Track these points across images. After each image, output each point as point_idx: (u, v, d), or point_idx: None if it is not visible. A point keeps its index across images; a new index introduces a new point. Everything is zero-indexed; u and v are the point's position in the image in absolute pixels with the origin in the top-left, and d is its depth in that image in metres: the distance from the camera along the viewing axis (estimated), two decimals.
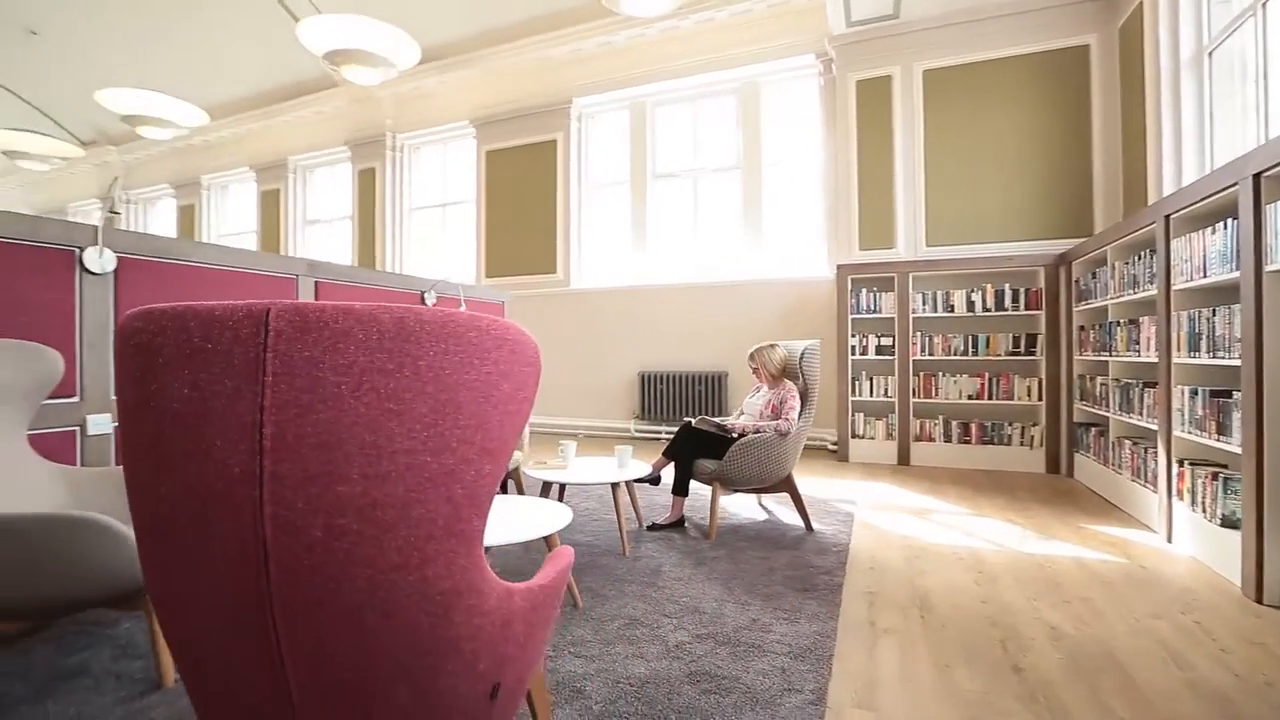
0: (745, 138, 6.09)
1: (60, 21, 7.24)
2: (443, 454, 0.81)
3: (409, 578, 0.81)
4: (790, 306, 5.70)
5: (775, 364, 3.23)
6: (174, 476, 0.79)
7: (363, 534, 0.77)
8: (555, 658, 1.83)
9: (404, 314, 0.78)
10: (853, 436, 5.02)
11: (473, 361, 0.82)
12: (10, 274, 2.06)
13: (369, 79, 5.02)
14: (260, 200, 8.83)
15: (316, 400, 0.75)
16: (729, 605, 2.20)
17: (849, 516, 3.37)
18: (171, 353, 0.77)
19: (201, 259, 2.62)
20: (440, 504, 0.81)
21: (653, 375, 6.21)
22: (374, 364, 0.77)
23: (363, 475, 0.77)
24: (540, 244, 6.96)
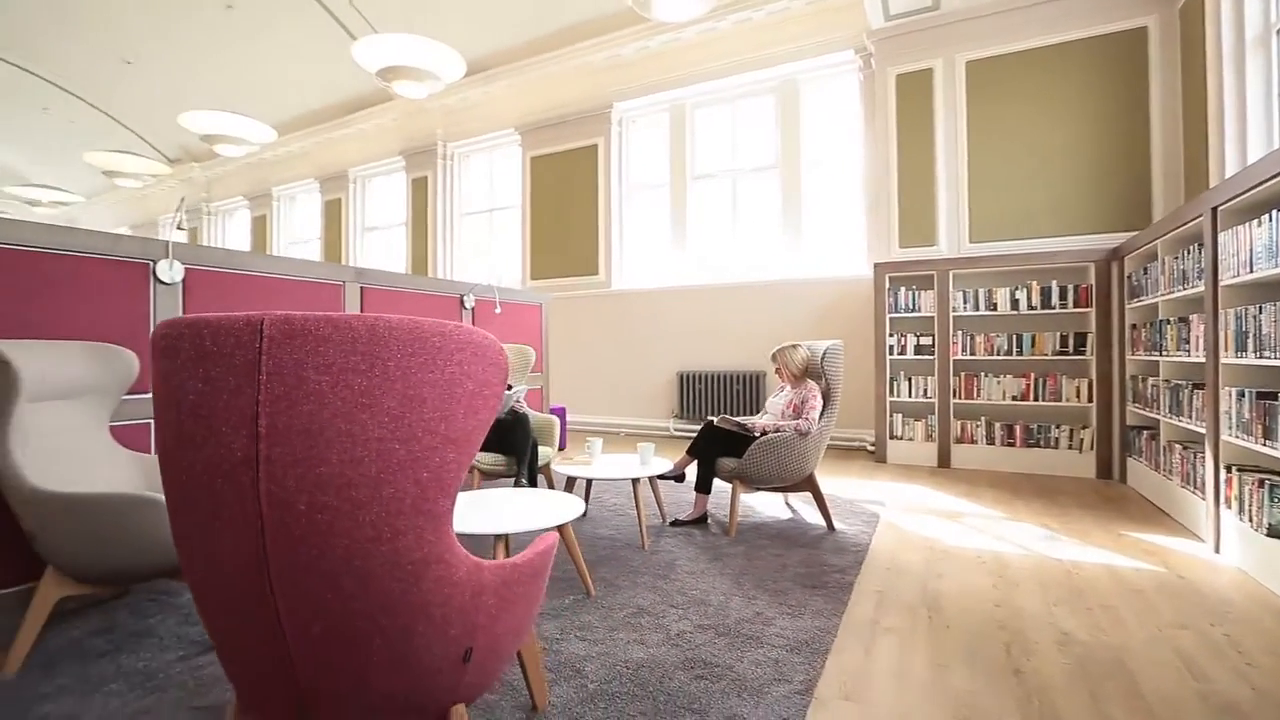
0: (784, 137, 6.06)
1: (150, 52, 7.94)
2: (410, 442, 0.93)
3: (382, 548, 0.93)
4: (828, 306, 5.65)
5: (797, 364, 3.25)
6: (191, 458, 0.94)
7: (340, 509, 0.90)
8: (561, 640, 1.94)
9: (375, 322, 0.91)
10: (891, 438, 4.93)
11: (436, 362, 0.94)
12: (95, 284, 2.34)
13: (417, 93, 5.31)
14: (324, 209, 9.39)
15: (301, 395, 0.88)
16: (736, 599, 2.26)
17: (874, 517, 3.35)
18: (188, 355, 0.92)
19: (256, 269, 2.88)
20: (408, 485, 0.93)
21: (691, 375, 6.27)
22: (349, 364, 0.89)
23: (340, 459, 0.90)
24: (582, 246, 7.14)
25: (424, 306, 3.86)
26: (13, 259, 2.14)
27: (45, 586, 1.83)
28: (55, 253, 2.24)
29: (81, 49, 8.05)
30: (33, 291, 2.18)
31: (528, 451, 3.33)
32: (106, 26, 7.51)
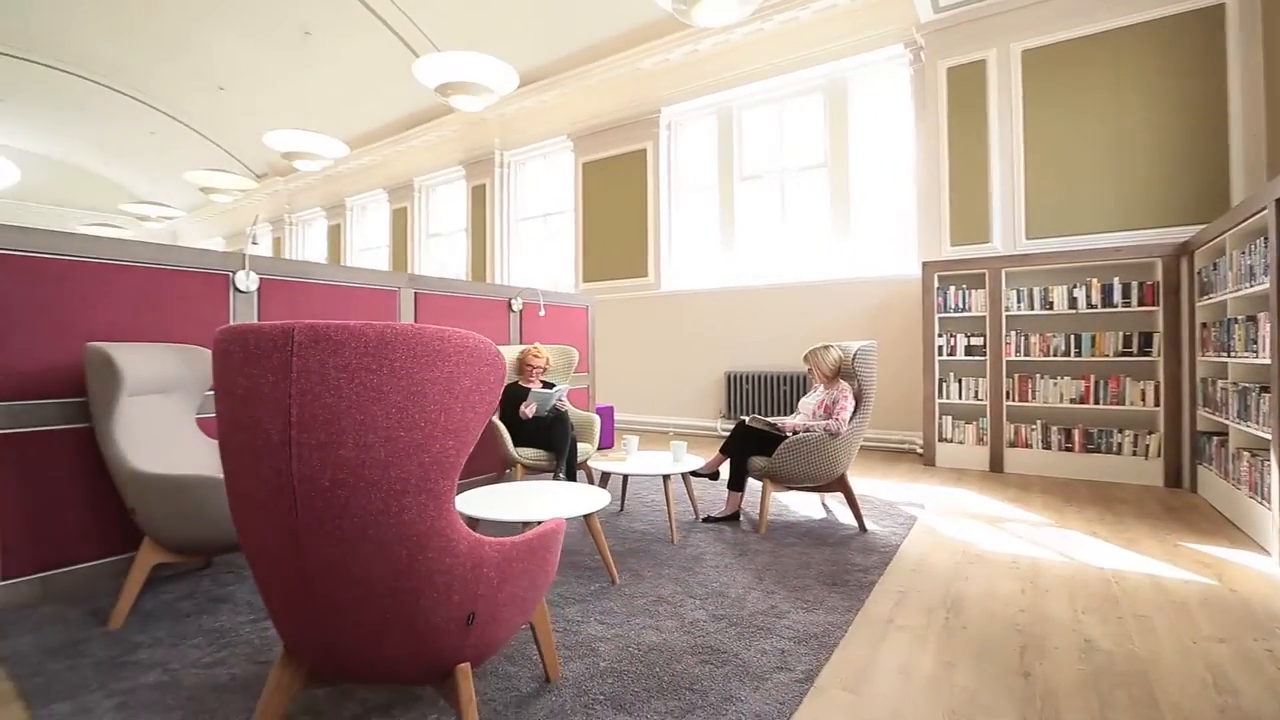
0: (832, 135, 6.00)
1: (240, 78, 8.68)
2: (413, 430, 1.08)
3: (391, 521, 1.08)
4: (877, 305, 5.56)
5: (829, 364, 3.26)
6: (240, 441, 1.12)
7: (356, 486, 1.06)
8: (582, 622, 2.07)
9: (384, 329, 1.06)
10: (940, 440, 4.81)
11: (436, 363, 1.09)
12: (185, 293, 2.66)
13: (474, 105, 5.59)
14: (392, 217, 9.96)
15: (324, 390, 1.05)
16: (754, 592, 2.33)
17: (911, 520, 3.32)
18: (238, 356, 1.11)
19: (321, 277, 3.17)
20: (412, 468, 1.08)
21: (739, 375, 6.30)
22: (362, 364, 1.05)
23: (355, 444, 1.06)
24: (632, 249, 7.28)
25: (473, 309, 4.10)
26: (123, 273, 2.48)
27: (143, 554, 2.12)
28: (154, 267, 2.57)
29: (182, 78, 8.90)
30: (136, 300, 2.52)
31: (566, 447, 3.49)
32: (204, 57, 8.27)
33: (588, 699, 1.61)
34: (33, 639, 1.95)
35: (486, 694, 1.62)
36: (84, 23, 7.65)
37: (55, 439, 2.31)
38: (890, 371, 5.41)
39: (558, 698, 1.61)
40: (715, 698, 1.62)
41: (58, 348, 2.32)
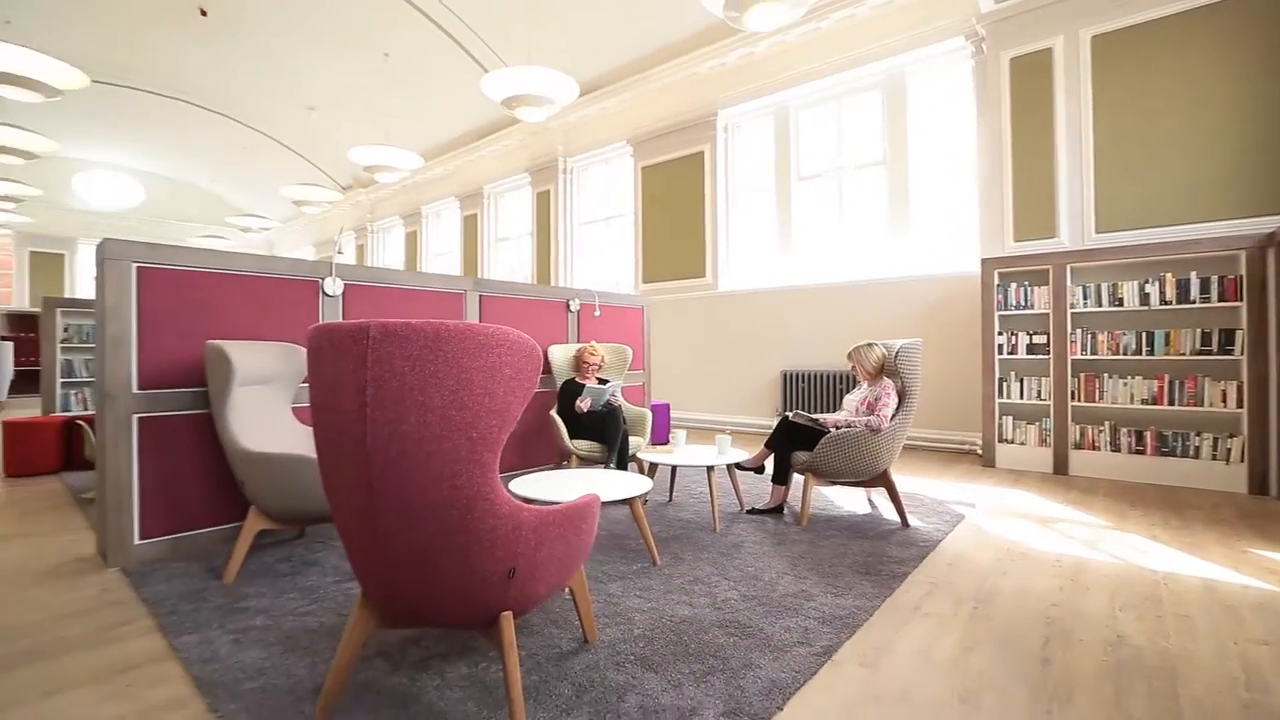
0: (891, 131, 5.93)
1: (327, 99, 9.43)
2: (463, 410, 1.29)
3: (445, 485, 1.30)
4: (935, 304, 5.46)
5: (872, 362, 3.31)
6: (327, 420, 1.38)
7: (416, 456, 1.29)
8: (622, 597, 2.26)
9: (440, 326, 1.28)
10: (1000, 441, 4.70)
11: (482, 353, 1.30)
12: (281, 298, 3.05)
13: (537, 116, 5.91)
14: (463, 224, 10.53)
15: (391, 375, 1.28)
16: (787, 577, 2.45)
17: (958, 518, 3.31)
18: (325, 350, 1.36)
19: (396, 282, 3.52)
20: (462, 441, 1.30)
21: (795, 374, 6.33)
22: (422, 355, 1.27)
23: (416, 420, 1.28)
24: (690, 250, 7.43)
25: (533, 310, 4.37)
26: (233, 281, 2.87)
27: (249, 522, 2.48)
28: (257, 275, 2.96)
29: (278, 101, 9.76)
30: (244, 304, 2.91)
31: (618, 440, 3.69)
32: (297, 82, 9.05)
33: (620, 658, 1.79)
34: (166, 587, 2.33)
35: (532, 649, 1.84)
36: (193, 56, 8.55)
37: (183, 423, 2.72)
38: (948, 371, 5.32)
39: (594, 656, 1.81)
40: (735, 664, 1.76)
41: (184, 345, 2.73)
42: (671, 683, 1.66)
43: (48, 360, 5.67)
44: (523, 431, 4.23)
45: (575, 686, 1.64)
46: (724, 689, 1.63)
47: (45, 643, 1.92)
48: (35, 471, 4.50)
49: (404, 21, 7.53)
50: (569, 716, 1.50)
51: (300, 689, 1.63)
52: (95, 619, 2.09)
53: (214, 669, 1.74)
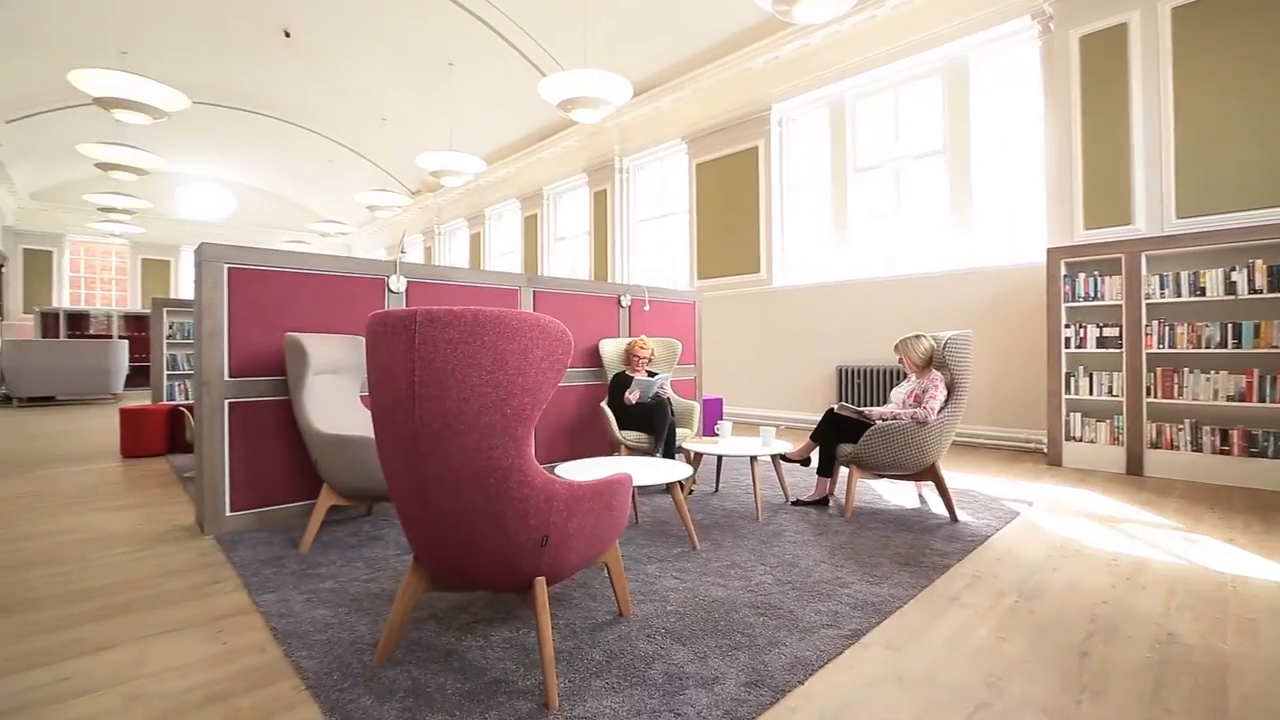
0: (951, 119, 5.74)
1: (397, 109, 9.96)
2: (498, 389, 1.42)
3: (482, 456, 1.43)
4: (999, 296, 5.25)
5: (919, 354, 3.25)
6: (382, 399, 1.54)
7: (457, 429, 1.42)
8: (659, 577, 2.35)
9: (477, 312, 1.41)
10: (1066, 439, 4.49)
11: (515, 337, 1.42)
12: (351, 294, 3.30)
13: (593, 117, 6.08)
14: (523, 224, 10.88)
15: (435, 357, 1.42)
16: (824, 565, 2.47)
17: (1012, 515, 3.21)
18: (381, 334, 1.52)
19: (456, 280, 3.74)
20: (497, 417, 1.42)
21: (850, 369, 6.23)
22: (462, 338, 1.41)
23: (456, 397, 1.42)
24: (744, 246, 7.43)
25: (585, 305, 4.52)
26: (309, 279, 3.15)
27: (322, 498, 2.72)
28: (330, 274, 3.23)
29: (353, 114, 10.39)
30: (318, 300, 3.18)
31: (665, 430, 3.77)
32: (369, 93, 9.62)
33: (651, 630, 1.89)
34: (251, 553, 2.60)
35: (569, 620, 1.96)
36: (279, 75, 9.23)
37: (267, 408, 3.01)
38: (1011, 366, 5.11)
39: (626, 628, 1.91)
40: (762, 641, 1.82)
41: (267, 337, 3.02)
42: (698, 654, 1.74)
43: (155, 354, 6.30)
44: (574, 423, 4.38)
45: (606, 654, 1.74)
46: (748, 663, 1.69)
47: (153, 594, 2.20)
48: (146, 453, 5.04)
49: (466, 31, 7.87)
50: (597, 679, 1.61)
51: (361, 642, 1.81)
52: (193, 577, 2.37)
53: (289, 622, 1.95)
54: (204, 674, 1.66)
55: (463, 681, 1.59)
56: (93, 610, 2.08)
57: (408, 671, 1.64)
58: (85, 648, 1.81)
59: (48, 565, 2.51)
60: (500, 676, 1.62)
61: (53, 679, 1.64)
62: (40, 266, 13.37)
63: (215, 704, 1.51)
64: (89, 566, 2.50)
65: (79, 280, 13.98)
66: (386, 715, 1.44)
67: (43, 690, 1.58)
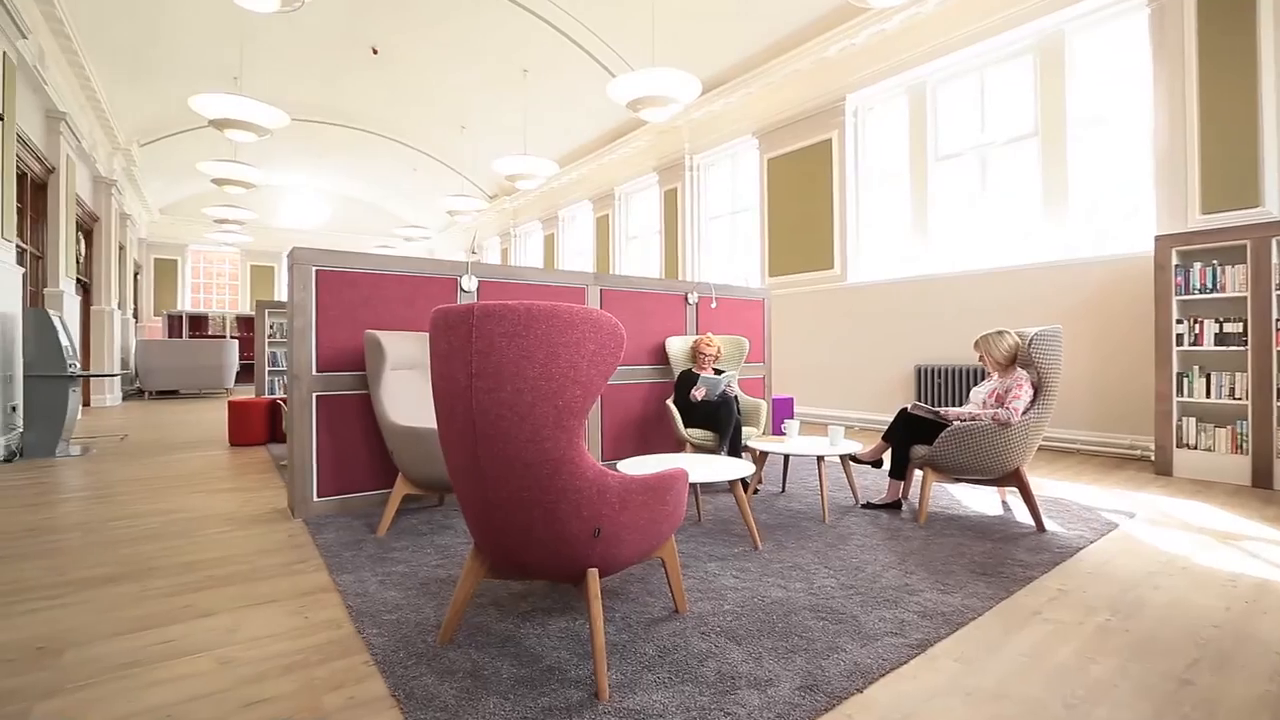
0: (1045, 99, 5.34)
1: (476, 116, 10.36)
2: (550, 381, 1.45)
3: (534, 446, 1.47)
4: (1098, 289, 4.83)
5: (1002, 351, 3.04)
6: (442, 387, 1.60)
7: (512, 419, 1.46)
8: (718, 575, 2.32)
9: (531, 306, 1.44)
10: (1178, 446, 4.07)
11: (567, 331, 1.44)
12: (426, 293, 3.47)
13: (661, 116, 6.09)
14: (595, 225, 11.05)
15: (491, 349, 1.47)
16: (892, 570, 2.36)
17: (1109, 526, 2.95)
18: (442, 328, 1.58)
19: (524, 279, 3.84)
20: (549, 409, 1.45)
21: (929, 368, 5.93)
22: (516, 331, 1.45)
23: (511, 389, 1.46)
24: (817, 242, 7.22)
25: (652, 304, 4.53)
26: (387, 280, 3.33)
27: (397, 487, 2.87)
28: (405, 275, 3.41)
29: (434, 124, 10.91)
30: (396, 299, 3.36)
31: (729, 430, 3.72)
32: (449, 103, 10.06)
33: (706, 628, 1.87)
34: (334, 536, 2.78)
35: (625, 613, 1.97)
36: (369, 89, 9.81)
37: (350, 401, 3.22)
38: (1113, 365, 4.70)
39: (682, 624, 1.90)
40: (821, 646, 1.76)
41: (350, 335, 3.22)
42: (752, 655, 1.70)
43: (259, 351, 6.87)
44: (641, 420, 4.41)
45: (659, 648, 1.74)
46: (804, 666, 1.64)
47: (247, 570, 2.40)
48: (249, 442, 5.50)
49: (538, 37, 8.08)
50: (649, 672, 1.61)
51: (427, 624, 1.89)
52: (283, 556, 2.56)
53: (363, 601, 2.07)
54: (286, 643, 1.79)
55: (518, 667, 1.63)
56: (198, 580, 2.29)
57: (468, 654, 1.70)
58: (190, 614, 2.00)
59: (162, 540, 2.79)
60: (554, 664, 1.65)
61: (160, 640, 1.81)
62: (167, 274, 14.89)
63: (295, 672, 1.63)
64: (196, 542, 2.75)
65: (199, 285, 15.46)
66: (446, 694, 1.50)
67: (152, 650, 1.76)
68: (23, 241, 6.54)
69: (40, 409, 4.95)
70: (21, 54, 5.56)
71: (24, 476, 4.20)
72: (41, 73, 6.20)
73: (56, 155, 7.02)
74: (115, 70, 7.93)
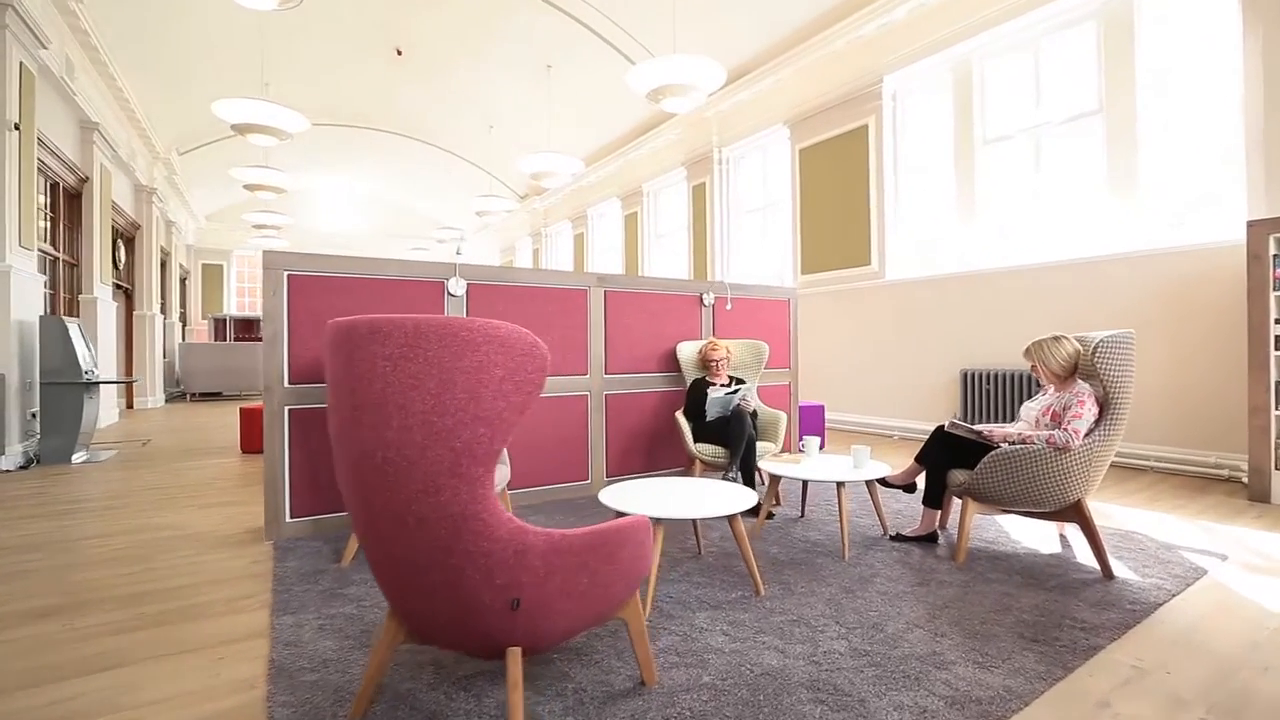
0: (1110, 71, 4.73)
1: (503, 115, 10.20)
2: (445, 416, 1.13)
3: (429, 500, 1.15)
4: (1176, 283, 4.23)
5: (1059, 361, 2.57)
6: (332, 420, 1.30)
7: (399, 465, 1.15)
8: (707, 631, 1.97)
9: (420, 321, 1.13)
10: (1277, 467, 3.47)
11: (466, 352, 1.12)
12: (410, 298, 3.22)
13: (683, 107, 5.73)
14: (624, 223, 10.74)
15: (374, 376, 1.16)
16: (918, 631, 1.95)
17: (1196, 572, 2.44)
18: (329, 348, 1.28)
19: (519, 280, 3.56)
20: (443, 452, 1.13)
21: (976, 374, 5.39)
22: (402, 354, 1.14)
23: (398, 426, 1.15)
24: (852, 236, 6.73)
25: (662, 305, 4.18)
26: (367, 283, 3.09)
27: None
28: (388, 278, 3.16)
29: (463, 124, 10.81)
30: (376, 304, 3.12)
31: (740, 446, 3.35)
32: (476, 103, 9.93)
33: (674, 711, 1.52)
34: (296, 565, 2.55)
35: (581, 683, 1.64)
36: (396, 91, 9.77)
37: (322, 414, 2.99)
38: (1196, 369, 4.10)
39: (644, 703, 1.55)
40: None
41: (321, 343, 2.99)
42: None
43: None
44: (651, 433, 4.07)
45: None
46: None
47: (188, 606, 2.18)
48: (258, 450, 5.41)
49: (561, 31, 7.82)
50: None
51: (347, 689, 1.61)
52: (233, 589, 2.34)
53: (291, 653, 1.80)
54: (181, 711, 1.53)
55: None
56: (129, 619, 2.08)
57: None
58: (99, 664, 1.77)
59: (121, 565, 2.61)
60: None
61: (50, 700, 1.59)
62: (214, 278, 15.37)
63: None
64: (154, 568, 2.56)
65: (243, 289, 15.91)
66: None
67: (37, 713, 1.53)
68: (55, 249, 6.68)
69: (57, 416, 4.97)
70: (46, 64, 5.62)
71: (31, 485, 4.17)
72: (70, 83, 6.30)
73: (90, 165, 7.16)
74: (147, 80, 8.07)
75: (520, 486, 3.56)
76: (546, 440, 3.66)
